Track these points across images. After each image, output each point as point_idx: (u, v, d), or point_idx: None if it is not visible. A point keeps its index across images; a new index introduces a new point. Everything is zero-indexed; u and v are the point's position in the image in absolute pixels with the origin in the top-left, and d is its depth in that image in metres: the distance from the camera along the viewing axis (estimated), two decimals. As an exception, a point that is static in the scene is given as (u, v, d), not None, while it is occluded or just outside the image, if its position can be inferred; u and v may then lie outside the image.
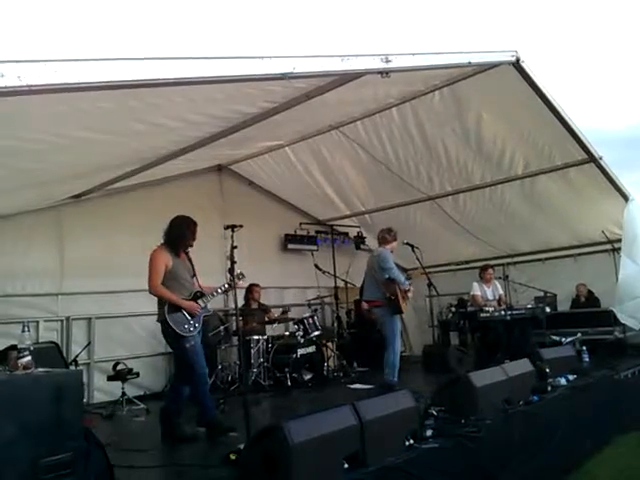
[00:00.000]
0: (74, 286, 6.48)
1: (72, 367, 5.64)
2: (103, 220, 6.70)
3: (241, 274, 4.64)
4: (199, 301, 4.34)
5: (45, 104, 2.71)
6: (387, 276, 5.82)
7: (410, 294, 5.94)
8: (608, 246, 7.92)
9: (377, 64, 3.73)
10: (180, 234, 4.35)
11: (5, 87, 2.11)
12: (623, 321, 6.87)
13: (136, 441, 4.37)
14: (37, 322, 6.12)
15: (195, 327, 4.23)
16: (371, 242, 9.53)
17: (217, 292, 4.52)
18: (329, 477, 2.85)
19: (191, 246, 4.44)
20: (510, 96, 5.66)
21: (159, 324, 4.23)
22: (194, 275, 4.45)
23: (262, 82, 3.47)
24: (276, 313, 7.78)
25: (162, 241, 4.36)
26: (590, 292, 8.15)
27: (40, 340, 5.90)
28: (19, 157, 3.80)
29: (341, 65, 3.54)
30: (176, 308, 4.18)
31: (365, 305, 6.19)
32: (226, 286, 4.54)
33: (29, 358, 2.71)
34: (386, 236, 6.12)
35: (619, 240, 7.27)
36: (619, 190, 7.02)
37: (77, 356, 5.95)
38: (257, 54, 3.11)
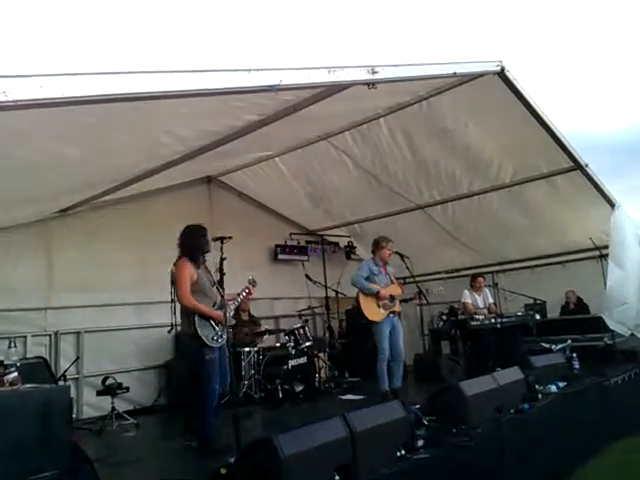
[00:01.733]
0: (62, 300, 6.43)
1: (61, 382, 5.57)
2: (91, 234, 6.66)
3: (253, 280, 4.72)
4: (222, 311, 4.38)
5: (30, 120, 2.70)
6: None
7: (383, 302, 5.84)
8: (596, 253, 7.98)
9: (364, 75, 3.76)
10: (197, 242, 4.40)
11: (-9, 103, 2.10)
12: (612, 327, 6.90)
13: (126, 456, 4.32)
14: (25, 337, 6.06)
15: (222, 338, 4.26)
16: (361, 252, 9.56)
17: (236, 301, 4.58)
18: (320, 489, 2.84)
19: (209, 251, 4.48)
20: (496, 105, 5.72)
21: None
22: (215, 284, 4.46)
23: (249, 95, 3.47)
24: (266, 325, 7.75)
25: (178, 254, 4.39)
26: (579, 299, 8.20)
27: (28, 355, 5.84)
28: (5, 173, 3.78)
29: (328, 77, 3.56)
30: (205, 319, 4.21)
31: None
32: (244, 293, 4.60)
33: (15, 374, 2.69)
34: (375, 245, 6.14)
35: (606, 247, 7.33)
36: (606, 197, 7.09)
37: (66, 371, 5.88)
38: (244, 67, 3.13)
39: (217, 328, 4.26)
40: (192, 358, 4.30)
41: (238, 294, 4.59)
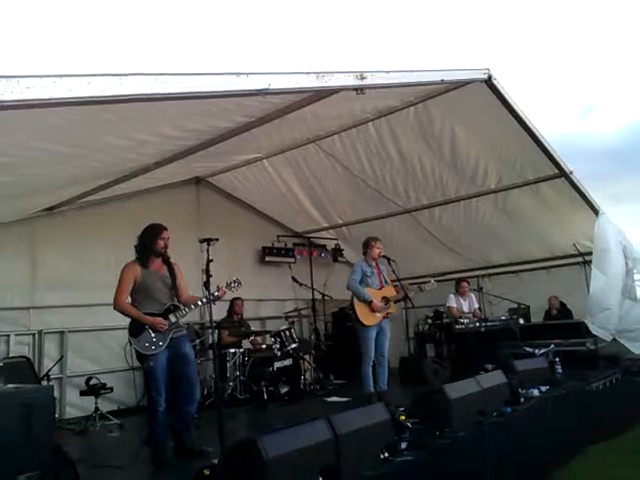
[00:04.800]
0: (46, 299, 6.38)
1: (44, 382, 5.52)
2: (76, 233, 6.62)
3: (236, 281, 4.46)
4: (170, 316, 4.14)
5: (16, 118, 2.69)
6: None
7: (377, 309, 5.85)
8: (579, 259, 8.08)
9: (352, 81, 3.80)
10: (144, 243, 4.23)
11: (-23, 103, 2.10)
12: (595, 332, 6.97)
13: (109, 457, 4.31)
14: (8, 336, 6.01)
15: (159, 345, 4.02)
16: (349, 254, 9.60)
17: (196, 305, 4.28)
18: (303, 491, 2.85)
19: (160, 252, 4.24)
20: (482, 112, 5.79)
21: None
22: (173, 286, 4.27)
23: (238, 97, 3.49)
24: (253, 326, 7.75)
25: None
26: (562, 304, 8.30)
27: (11, 354, 5.80)
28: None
29: (316, 82, 3.59)
30: (140, 324, 4.03)
31: None
32: (205, 299, 4.24)
33: (-2, 374, 2.67)
34: (365, 245, 6.17)
35: (590, 253, 7.42)
36: (590, 204, 7.19)
37: (49, 371, 5.82)
38: (233, 70, 3.14)
39: (153, 334, 4.03)
40: (140, 363, 4.13)
41: (195, 302, 4.28)
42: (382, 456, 3.43)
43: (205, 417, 5.29)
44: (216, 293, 4.26)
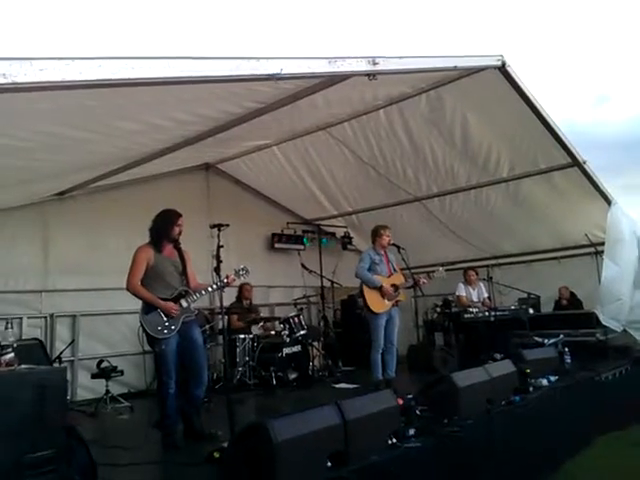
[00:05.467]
0: (58, 283, 6.45)
1: (56, 364, 5.60)
2: (88, 218, 6.67)
3: (243, 269, 4.52)
4: (182, 301, 4.17)
5: (30, 102, 2.70)
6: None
7: (388, 296, 5.84)
8: (591, 249, 8.02)
9: (364, 66, 3.76)
10: (159, 227, 4.25)
11: (-10, 84, 2.10)
12: (605, 323, 6.95)
13: (120, 439, 4.35)
14: (21, 319, 6.08)
15: (171, 330, 4.05)
16: (358, 242, 9.59)
17: (206, 291, 4.33)
18: (312, 475, 2.88)
19: (175, 239, 4.29)
20: (495, 100, 5.72)
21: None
22: (183, 272, 4.31)
23: (250, 82, 3.47)
24: (262, 312, 7.78)
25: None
26: (572, 294, 8.25)
27: (24, 337, 5.87)
28: (3, 154, 3.77)
29: (329, 67, 3.56)
30: (152, 308, 4.06)
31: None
32: (214, 286, 4.27)
33: (12, 355, 2.71)
34: (374, 233, 6.16)
35: (602, 243, 7.36)
36: (602, 194, 7.12)
37: (61, 353, 5.92)
38: (245, 55, 3.13)
39: (165, 318, 4.06)
40: (150, 347, 4.15)
41: (205, 287, 4.32)
42: (390, 442, 3.46)
43: (215, 401, 5.34)
44: (225, 280, 4.29)
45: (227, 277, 4.32)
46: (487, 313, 7.14)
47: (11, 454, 2.45)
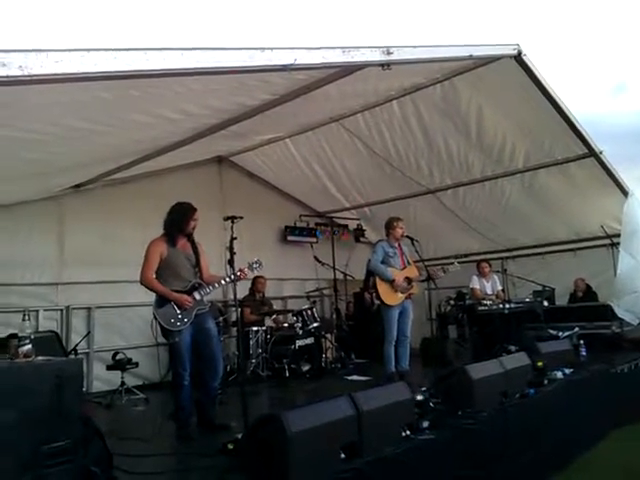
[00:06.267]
0: (74, 276, 6.52)
1: (72, 356, 5.66)
2: (103, 210, 6.72)
3: (257, 262, 4.51)
4: (195, 293, 4.17)
5: (46, 94, 2.71)
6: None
7: (400, 289, 5.81)
8: (607, 241, 7.93)
9: (378, 56, 3.72)
10: (174, 220, 4.25)
11: (7, 77, 2.11)
12: (620, 315, 6.89)
13: (135, 430, 4.39)
14: (37, 311, 6.15)
15: (184, 322, 4.06)
16: (370, 235, 9.57)
17: (219, 284, 4.33)
18: (326, 466, 2.88)
19: (190, 233, 4.29)
20: (511, 90, 5.65)
21: None
22: (197, 265, 4.31)
23: (263, 74, 3.46)
24: (275, 305, 7.80)
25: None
26: (588, 287, 8.17)
27: (40, 329, 5.94)
28: (20, 147, 3.80)
29: (342, 57, 3.53)
30: (166, 300, 4.07)
31: (368, 296, 6.21)
32: (228, 279, 4.26)
33: (30, 346, 2.73)
34: (388, 225, 6.13)
35: (618, 235, 7.28)
36: (619, 185, 7.03)
37: (77, 345, 5.98)
38: (258, 45, 3.11)
39: (178, 311, 4.06)
40: (164, 339, 4.16)
41: (219, 280, 4.32)
42: (403, 434, 3.45)
43: (228, 393, 5.37)
44: (238, 273, 4.28)
45: (241, 270, 4.31)
46: (501, 305, 7.09)
47: (29, 444, 2.48)
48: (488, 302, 7.21)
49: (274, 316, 7.53)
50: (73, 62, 2.23)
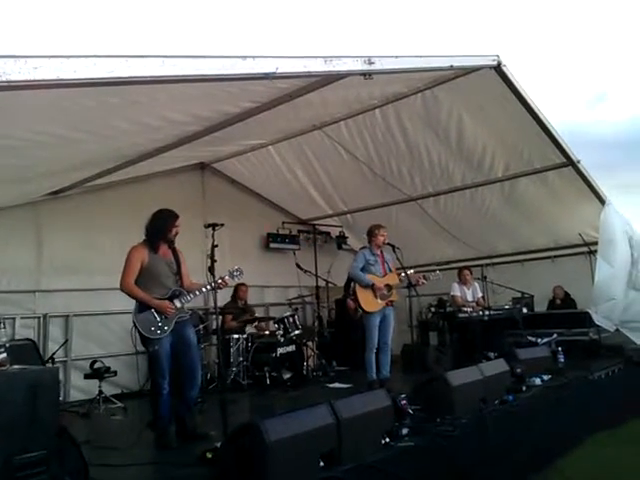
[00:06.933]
0: (51, 283, 6.42)
1: (49, 365, 5.57)
2: (82, 217, 6.64)
3: (238, 270, 4.48)
4: (175, 300, 4.14)
5: (25, 101, 2.68)
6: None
7: (380, 294, 5.83)
8: (585, 249, 8.05)
9: (360, 66, 3.76)
10: (156, 227, 4.22)
11: (-17, 83, 2.09)
12: (598, 322, 6.98)
13: (112, 439, 4.34)
14: (13, 319, 6.04)
15: (164, 330, 4.03)
16: (353, 242, 9.59)
17: (200, 291, 4.31)
18: (305, 475, 2.88)
19: (171, 240, 4.27)
20: (491, 100, 5.74)
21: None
22: (178, 272, 4.28)
23: (245, 82, 3.47)
24: (257, 312, 7.77)
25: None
26: (566, 294, 8.29)
27: (16, 337, 5.83)
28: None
29: (324, 66, 3.56)
30: (145, 307, 4.03)
31: (351, 303, 6.24)
32: (209, 286, 4.25)
33: (4, 355, 2.70)
34: (369, 233, 6.16)
35: (595, 243, 7.40)
36: (596, 194, 7.15)
37: (54, 354, 5.88)
38: (240, 53, 3.12)
39: (158, 318, 4.03)
40: (143, 347, 4.14)
41: (199, 288, 4.31)
42: (383, 441, 3.46)
43: (208, 401, 5.32)
44: (219, 281, 4.26)
45: (221, 279, 4.29)
46: (481, 312, 7.17)
47: (1, 454, 2.43)
48: (468, 309, 7.28)
49: (255, 323, 7.50)
50: (52, 68, 2.22)
